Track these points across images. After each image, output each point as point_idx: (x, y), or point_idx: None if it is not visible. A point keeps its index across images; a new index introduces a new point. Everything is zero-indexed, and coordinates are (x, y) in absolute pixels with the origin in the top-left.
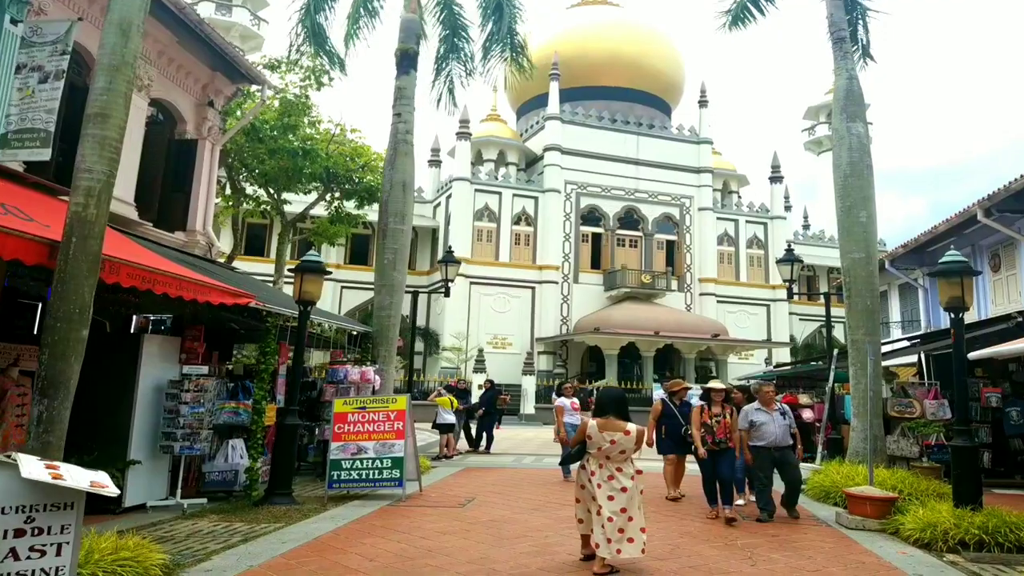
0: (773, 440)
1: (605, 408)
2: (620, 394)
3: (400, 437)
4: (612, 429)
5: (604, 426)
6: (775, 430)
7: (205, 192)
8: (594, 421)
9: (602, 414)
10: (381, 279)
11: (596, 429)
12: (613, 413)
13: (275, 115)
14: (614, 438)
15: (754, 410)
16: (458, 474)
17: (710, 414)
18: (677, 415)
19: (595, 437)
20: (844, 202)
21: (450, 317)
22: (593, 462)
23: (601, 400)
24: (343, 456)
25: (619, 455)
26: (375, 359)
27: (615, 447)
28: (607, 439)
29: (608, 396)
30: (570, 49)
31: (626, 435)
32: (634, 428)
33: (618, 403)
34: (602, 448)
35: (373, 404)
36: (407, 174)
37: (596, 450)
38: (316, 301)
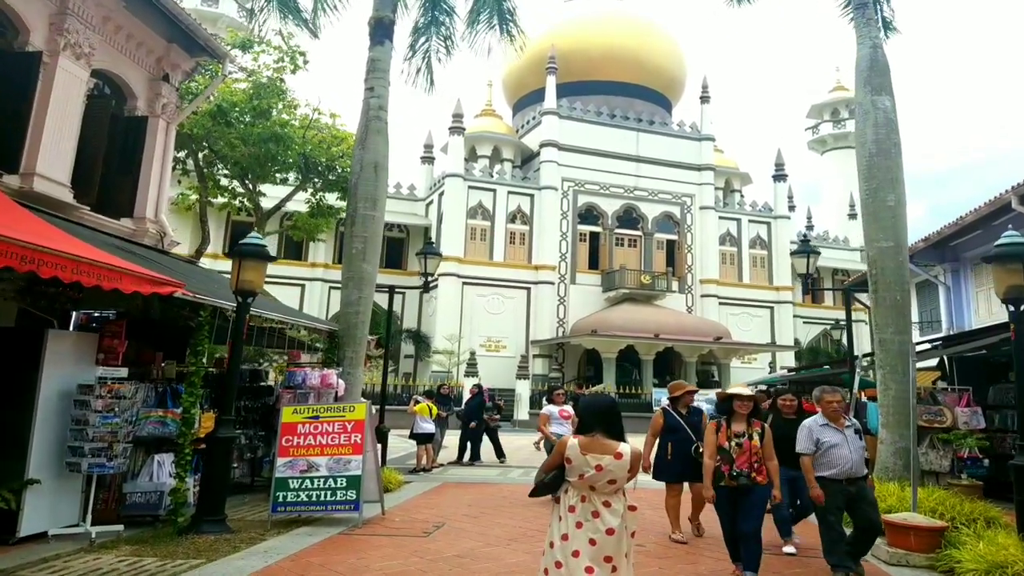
0: (847, 468)
1: (590, 423)
2: (609, 404)
3: (358, 452)
4: (599, 451)
5: (588, 447)
6: (850, 455)
7: (158, 176)
8: (575, 440)
9: (586, 430)
10: (349, 271)
11: (577, 450)
12: (601, 429)
13: (244, 97)
14: (601, 462)
15: (819, 426)
16: (432, 492)
17: (729, 433)
18: (684, 428)
19: (576, 461)
20: (869, 184)
21: (442, 319)
22: (573, 494)
23: (585, 412)
24: (291, 474)
25: (607, 485)
26: (340, 361)
27: (602, 475)
28: (592, 464)
29: (594, 407)
30: (568, 42)
31: (617, 459)
32: (628, 449)
33: (606, 416)
34: (585, 476)
35: (328, 413)
36: (380, 154)
37: (577, 478)
38: (257, 291)
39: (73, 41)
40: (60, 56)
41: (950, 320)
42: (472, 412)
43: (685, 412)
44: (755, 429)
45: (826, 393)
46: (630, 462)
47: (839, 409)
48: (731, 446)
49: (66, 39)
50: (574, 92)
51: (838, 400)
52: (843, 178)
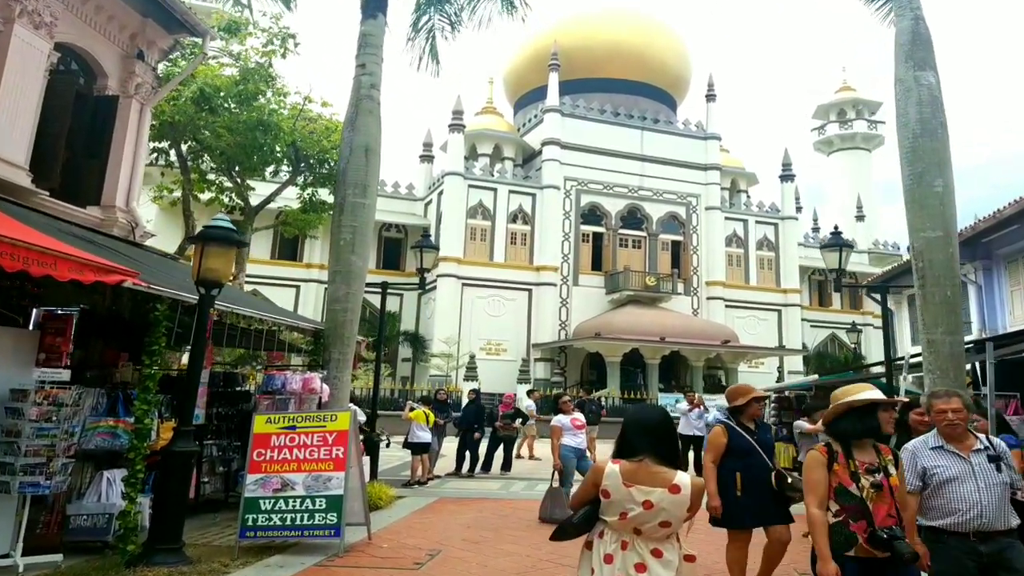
0: (975, 516)
1: (636, 443)
2: (660, 418)
3: (340, 467)
4: (648, 482)
5: (633, 475)
6: (978, 495)
7: (130, 161)
8: (615, 466)
9: (630, 453)
10: (336, 264)
11: (619, 480)
12: (650, 452)
13: (229, 82)
14: (651, 498)
15: (929, 450)
16: (426, 509)
17: (853, 466)
18: (757, 449)
19: (616, 494)
20: (914, 168)
21: (440, 321)
22: (611, 538)
23: (630, 429)
24: (262, 493)
25: (658, 528)
26: (325, 363)
27: (652, 514)
28: (638, 499)
29: (641, 421)
30: (571, 39)
31: (673, 493)
32: (687, 481)
33: (658, 434)
34: (629, 515)
35: (306, 423)
36: (371, 137)
37: (618, 517)
38: (224, 282)
39: (31, 8)
40: (15, 23)
41: (982, 321)
42: (468, 419)
43: (753, 427)
44: (888, 458)
45: (938, 399)
46: (690, 497)
47: (961, 423)
48: (864, 488)
49: (22, 5)
50: (577, 90)
51: (956, 408)
52: (849, 179)
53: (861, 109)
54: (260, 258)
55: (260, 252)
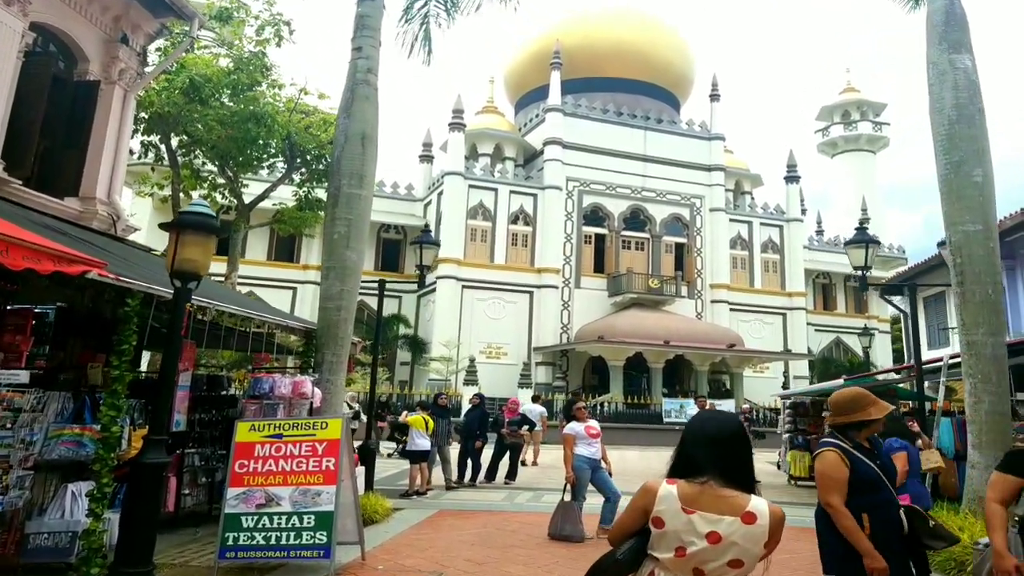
0: None
1: (698, 459)
2: (733, 428)
3: (331, 481)
4: (714, 508)
5: (696, 500)
6: None
7: (112, 151)
8: (671, 486)
9: (690, 472)
10: (330, 259)
11: (677, 505)
12: (716, 473)
13: (219, 71)
14: (717, 529)
15: None
16: (426, 524)
17: None
18: (884, 482)
19: (673, 523)
20: (950, 157)
21: (439, 324)
22: None
23: (690, 441)
24: (244, 509)
25: (727, 570)
26: (317, 366)
27: (720, 550)
28: (702, 530)
29: (707, 432)
30: (573, 37)
31: (747, 523)
32: (763, 508)
33: (729, 448)
34: (689, 550)
35: (293, 431)
36: (368, 123)
37: (673, 554)
38: (202, 274)
39: None
40: None
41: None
42: (472, 425)
43: (868, 447)
44: None
45: None
46: (769, 529)
47: None
48: None
49: None
50: (579, 89)
51: None
52: (854, 181)
53: (866, 111)
54: (256, 259)
55: (256, 253)
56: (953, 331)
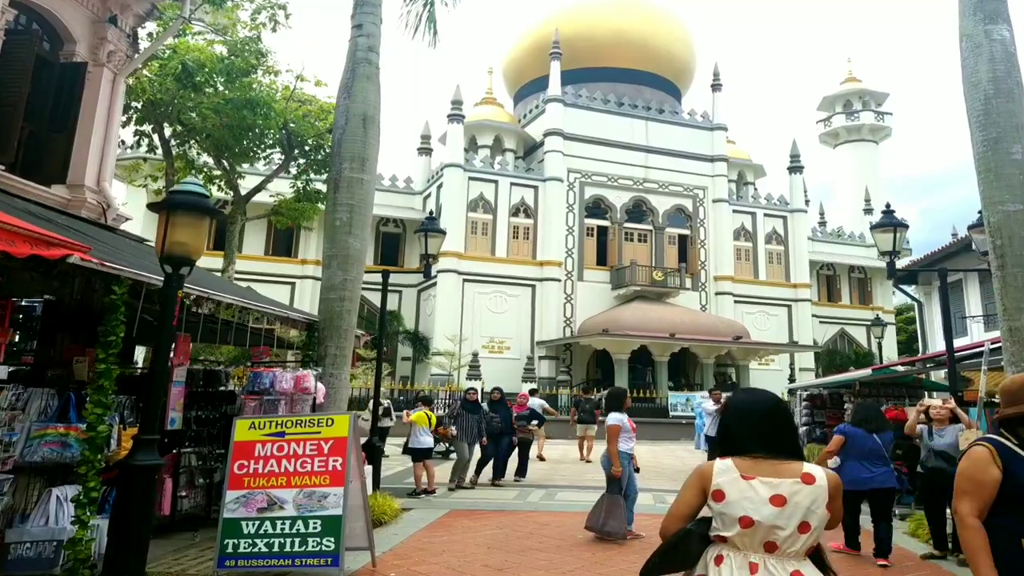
0: None
1: (742, 439)
2: (771, 404)
3: (337, 482)
4: (773, 473)
5: (753, 468)
6: None
7: (101, 136)
8: (727, 461)
9: (741, 449)
10: (331, 247)
11: (735, 474)
12: (764, 447)
13: (213, 56)
14: (780, 491)
15: None
16: (437, 524)
17: None
18: None
19: (733, 492)
20: (987, 133)
21: (441, 318)
22: (735, 563)
23: (733, 421)
24: (245, 513)
25: (797, 536)
26: (320, 359)
27: (786, 513)
28: (764, 494)
29: (748, 411)
30: (572, 27)
31: (807, 483)
32: (820, 471)
33: (773, 424)
34: (756, 519)
35: (297, 428)
36: (369, 104)
37: (739, 527)
38: (195, 258)
39: None
40: None
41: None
42: (505, 423)
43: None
44: None
45: None
46: (828, 490)
47: None
48: None
49: None
50: (579, 79)
51: None
52: (856, 172)
53: (868, 100)
54: (253, 254)
55: (253, 248)
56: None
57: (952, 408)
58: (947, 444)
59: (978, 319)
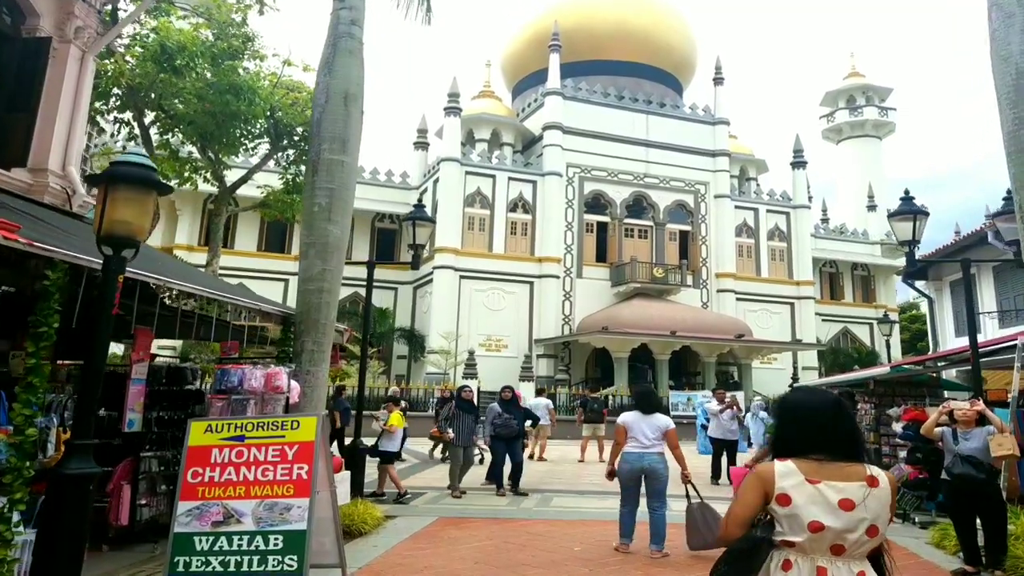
0: None
1: (800, 441)
2: (830, 406)
3: (303, 493)
4: (839, 477)
5: (818, 471)
6: None
7: (67, 117)
8: (788, 463)
9: (801, 451)
10: (309, 234)
11: (800, 478)
12: (825, 448)
13: (193, 37)
14: (847, 495)
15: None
16: (422, 535)
17: None
18: None
19: (800, 496)
20: (1018, 110)
21: (437, 316)
22: (803, 568)
23: (788, 423)
24: (198, 528)
25: (865, 540)
26: (296, 355)
27: (855, 517)
28: (833, 499)
29: (805, 413)
30: (572, 19)
31: (872, 485)
32: (882, 473)
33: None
34: (827, 523)
35: (258, 432)
36: (351, 81)
37: (808, 531)
38: (140, 239)
39: None
40: None
41: None
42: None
43: None
44: None
45: None
46: (890, 492)
47: None
48: None
49: None
50: (578, 72)
51: None
52: (860, 168)
53: (871, 96)
54: (245, 250)
55: (246, 243)
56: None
57: (980, 410)
58: (975, 448)
59: (993, 315)
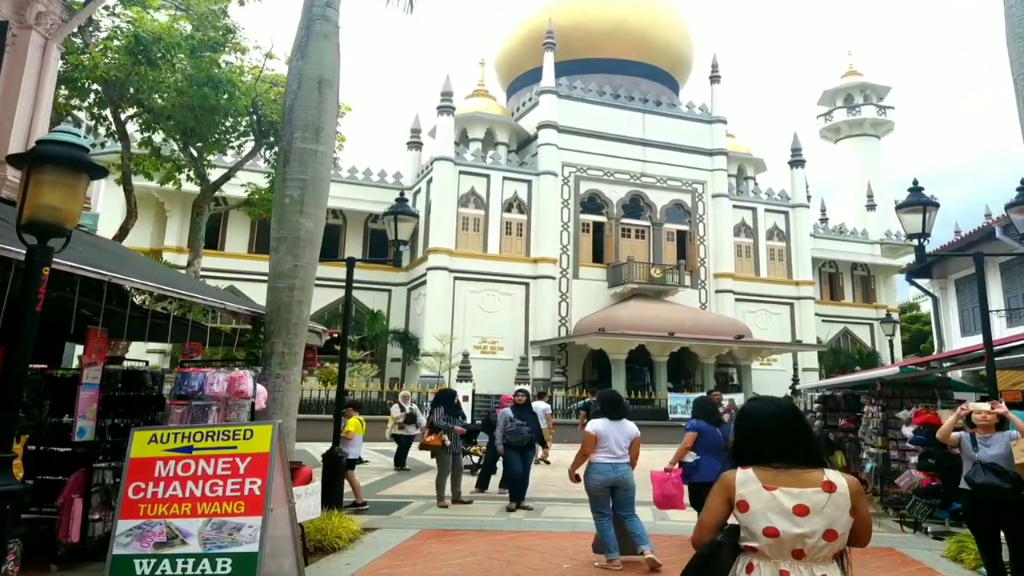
0: None
1: (757, 448)
2: (782, 412)
3: (255, 510)
4: (794, 483)
5: (774, 478)
6: None
7: (28, 107)
8: (747, 471)
9: (760, 459)
10: (279, 228)
11: (758, 485)
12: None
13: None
14: (802, 501)
15: None
16: (401, 549)
17: None
18: None
19: (757, 503)
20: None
21: (431, 318)
22: (765, 569)
23: (745, 432)
24: (139, 550)
25: (824, 544)
26: (265, 358)
27: (811, 522)
28: (787, 504)
29: (759, 421)
30: (567, 17)
31: (828, 491)
32: (841, 478)
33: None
34: (781, 531)
35: (208, 442)
36: (326, 66)
37: (765, 541)
38: (69, 227)
39: None
40: None
41: None
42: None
43: None
44: None
45: None
46: (850, 497)
47: None
48: None
49: None
50: (573, 71)
51: None
52: (858, 167)
53: (869, 94)
54: (236, 252)
55: (237, 245)
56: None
57: (1002, 412)
58: (996, 455)
59: (1001, 313)
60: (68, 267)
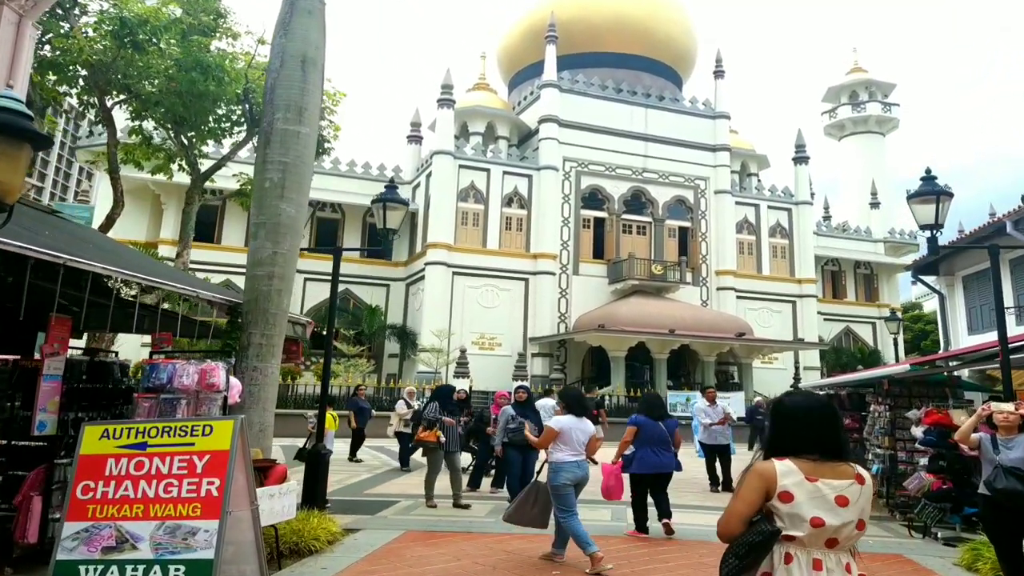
0: None
1: (794, 440)
2: (820, 407)
3: (212, 513)
4: (833, 475)
5: (815, 469)
6: None
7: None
8: (787, 462)
9: (795, 450)
10: (259, 213)
11: (801, 476)
12: (818, 449)
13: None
14: (843, 492)
15: None
16: (382, 552)
17: None
18: None
19: (801, 494)
20: None
21: (429, 313)
22: (802, 561)
23: (781, 424)
24: (85, 555)
25: (855, 533)
26: (242, 349)
27: (850, 512)
28: (830, 496)
29: (797, 415)
30: (569, 10)
31: (860, 483)
32: (866, 473)
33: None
34: (827, 522)
35: (163, 439)
36: (310, 44)
37: (808, 531)
38: (10, 200)
39: None
40: None
41: None
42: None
43: None
44: None
45: None
46: (872, 488)
47: None
48: None
49: None
50: (575, 65)
51: None
52: (863, 165)
53: (874, 91)
54: (233, 245)
55: (234, 239)
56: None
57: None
58: (1019, 458)
59: (1011, 311)
60: (16, 248)
